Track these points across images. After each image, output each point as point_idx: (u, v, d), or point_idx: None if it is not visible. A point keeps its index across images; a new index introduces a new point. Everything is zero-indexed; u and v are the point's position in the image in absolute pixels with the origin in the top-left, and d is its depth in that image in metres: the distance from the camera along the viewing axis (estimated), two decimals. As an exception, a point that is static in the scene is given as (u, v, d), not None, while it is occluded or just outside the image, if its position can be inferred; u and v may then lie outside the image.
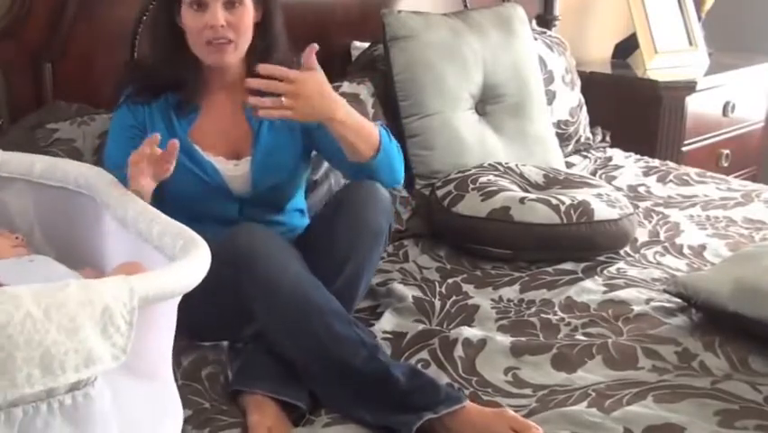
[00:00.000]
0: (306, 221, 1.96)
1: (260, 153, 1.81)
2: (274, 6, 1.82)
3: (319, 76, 1.67)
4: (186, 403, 1.35)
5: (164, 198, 1.64)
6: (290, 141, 1.84)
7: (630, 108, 3.17)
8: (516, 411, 1.48)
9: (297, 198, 1.95)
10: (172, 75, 1.77)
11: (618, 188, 2.54)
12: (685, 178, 2.72)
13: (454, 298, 1.90)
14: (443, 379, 1.58)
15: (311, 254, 1.67)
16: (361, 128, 1.73)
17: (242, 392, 1.52)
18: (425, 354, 1.66)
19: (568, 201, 2.12)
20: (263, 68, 1.63)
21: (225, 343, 1.69)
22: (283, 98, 1.62)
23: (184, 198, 1.71)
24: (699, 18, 3.45)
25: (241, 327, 1.63)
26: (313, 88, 1.65)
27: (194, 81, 1.79)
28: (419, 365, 1.62)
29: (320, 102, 1.66)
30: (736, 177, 3.05)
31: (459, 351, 1.66)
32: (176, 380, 1.28)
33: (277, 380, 1.52)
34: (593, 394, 1.51)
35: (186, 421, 1.35)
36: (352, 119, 1.71)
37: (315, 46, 1.68)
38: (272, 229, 1.80)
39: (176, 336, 1.23)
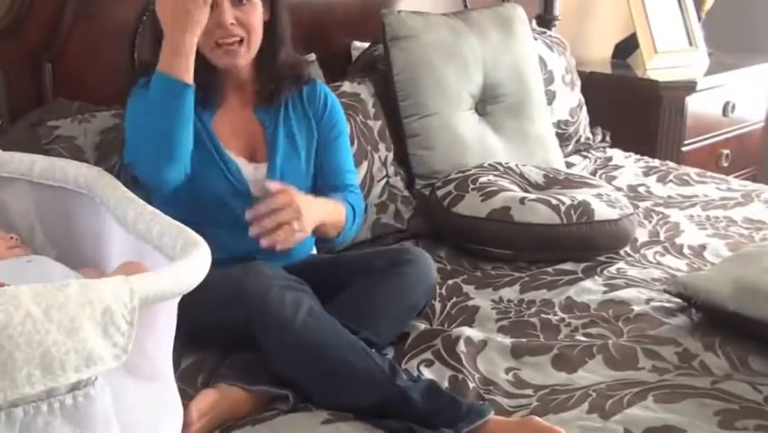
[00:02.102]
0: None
1: (275, 162, 1.80)
2: (281, 4, 1.81)
3: (291, 191, 1.68)
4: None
5: (185, 198, 1.67)
6: (302, 152, 1.84)
7: (630, 108, 3.17)
8: (517, 411, 1.48)
9: None
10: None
11: (618, 188, 2.54)
12: (685, 178, 2.72)
13: (455, 299, 1.90)
14: (446, 375, 1.58)
15: (343, 296, 1.69)
16: (336, 220, 1.80)
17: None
18: (428, 355, 1.66)
19: (568, 201, 2.12)
20: (251, 213, 1.65)
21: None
22: (295, 224, 1.63)
23: (206, 193, 1.72)
24: (699, 18, 3.45)
25: (245, 342, 1.61)
26: (300, 201, 1.66)
27: (206, 84, 1.74)
28: (422, 364, 1.63)
29: (310, 209, 1.69)
30: (736, 177, 3.06)
31: (461, 347, 1.66)
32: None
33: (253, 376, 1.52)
34: (594, 395, 1.51)
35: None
36: (330, 213, 1.78)
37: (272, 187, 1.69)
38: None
39: (175, 339, 1.23)
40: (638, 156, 2.91)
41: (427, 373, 1.60)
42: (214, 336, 1.61)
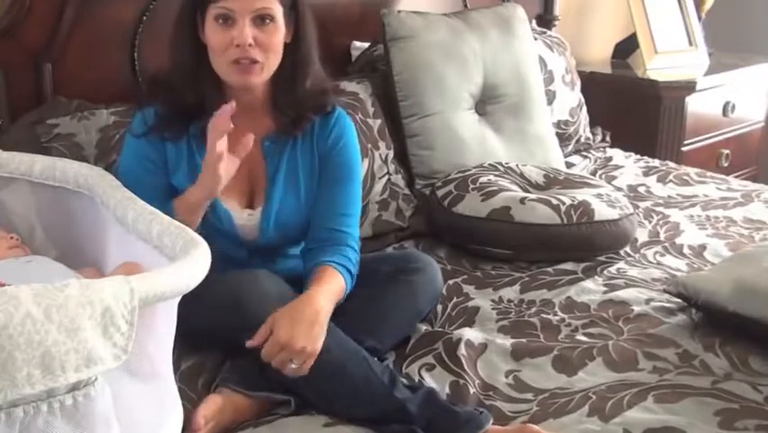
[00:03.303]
0: None
1: (272, 207, 1.70)
2: (307, 26, 1.70)
3: (277, 317, 1.49)
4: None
5: None
6: (302, 193, 1.74)
7: (630, 108, 3.17)
8: (517, 416, 1.48)
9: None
10: (193, 94, 1.65)
11: (618, 188, 2.54)
12: (685, 178, 2.72)
13: (455, 300, 1.90)
14: (447, 380, 1.58)
15: (348, 301, 1.65)
16: (337, 299, 1.61)
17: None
18: (429, 358, 1.65)
19: (568, 201, 2.12)
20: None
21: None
22: (293, 364, 1.47)
23: None
24: (699, 18, 3.45)
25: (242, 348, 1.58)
26: (286, 324, 1.46)
27: (215, 102, 1.63)
28: (423, 369, 1.62)
29: (301, 328, 1.47)
30: (736, 177, 3.05)
31: (462, 350, 1.66)
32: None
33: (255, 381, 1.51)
34: (594, 397, 1.51)
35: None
36: (331, 303, 1.57)
37: None
38: (282, 263, 1.77)
39: (175, 340, 1.23)
40: (638, 156, 2.91)
41: (428, 378, 1.59)
42: (213, 339, 1.61)
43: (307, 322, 1.47)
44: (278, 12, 1.63)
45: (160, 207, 1.41)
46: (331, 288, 1.59)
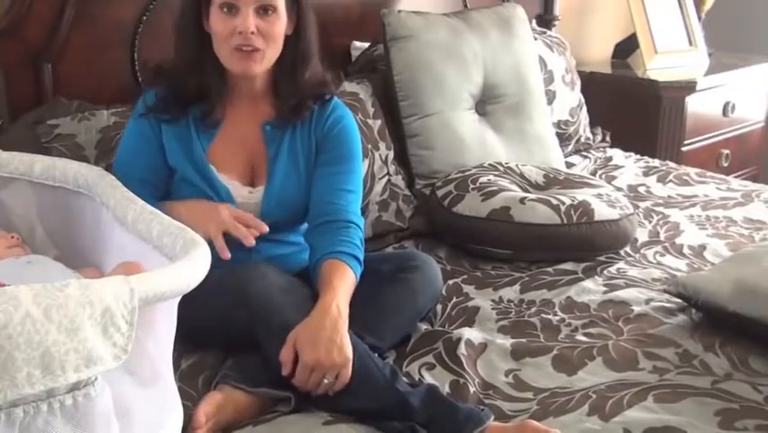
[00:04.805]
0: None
1: (274, 185, 1.75)
2: (308, 19, 1.76)
3: (298, 338, 1.49)
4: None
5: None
6: (302, 174, 1.78)
7: (630, 108, 3.17)
8: (517, 415, 1.48)
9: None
10: (196, 81, 1.70)
11: (618, 188, 2.54)
12: (685, 178, 2.72)
13: (455, 300, 1.90)
14: (447, 380, 1.58)
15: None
16: (351, 292, 1.63)
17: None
18: (429, 358, 1.65)
19: (568, 201, 2.12)
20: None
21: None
22: (326, 380, 1.47)
23: None
24: (699, 18, 3.45)
25: (246, 343, 1.59)
26: (309, 345, 1.47)
27: (218, 89, 1.72)
28: (423, 368, 1.62)
29: (325, 344, 1.47)
30: (736, 177, 3.06)
31: (462, 349, 1.66)
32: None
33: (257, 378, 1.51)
34: (594, 396, 1.51)
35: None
36: (346, 305, 1.59)
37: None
38: (281, 248, 1.78)
39: (176, 339, 1.23)
40: (638, 156, 2.91)
41: (428, 377, 1.59)
42: (215, 336, 1.61)
43: (329, 337, 1.48)
44: (281, 3, 1.70)
45: (149, 186, 1.50)
46: (343, 287, 1.61)
